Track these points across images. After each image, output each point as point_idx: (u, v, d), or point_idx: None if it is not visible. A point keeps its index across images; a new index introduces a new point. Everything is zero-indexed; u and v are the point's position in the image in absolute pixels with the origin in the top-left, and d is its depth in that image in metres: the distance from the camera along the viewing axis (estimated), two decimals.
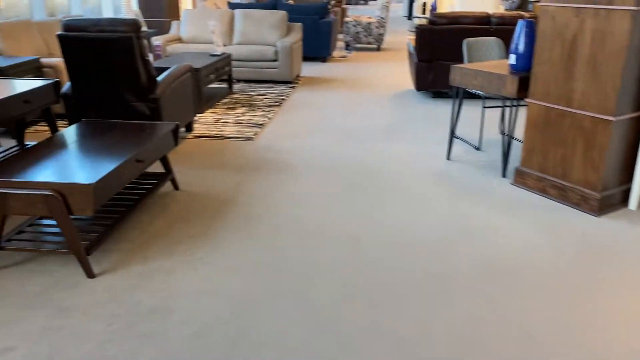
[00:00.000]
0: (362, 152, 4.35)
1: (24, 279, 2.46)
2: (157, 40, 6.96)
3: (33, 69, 4.75)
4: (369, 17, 10.48)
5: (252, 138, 4.66)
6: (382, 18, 10.13)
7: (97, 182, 2.38)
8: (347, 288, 2.42)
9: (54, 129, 3.50)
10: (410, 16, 18.18)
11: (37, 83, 3.24)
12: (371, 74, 7.95)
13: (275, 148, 4.43)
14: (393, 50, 10.56)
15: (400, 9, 22.87)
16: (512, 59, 3.64)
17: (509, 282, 2.49)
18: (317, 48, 8.77)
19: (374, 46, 11.07)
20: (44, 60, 4.88)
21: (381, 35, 10.23)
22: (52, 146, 2.88)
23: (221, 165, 4.00)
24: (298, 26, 7.40)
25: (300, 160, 4.15)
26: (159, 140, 3.13)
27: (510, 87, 3.53)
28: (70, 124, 3.99)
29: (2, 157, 3.37)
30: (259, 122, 5.16)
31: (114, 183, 2.57)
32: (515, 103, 3.84)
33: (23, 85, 3.20)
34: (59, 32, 3.71)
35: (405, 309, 2.27)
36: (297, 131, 4.93)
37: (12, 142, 4.43)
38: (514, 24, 5.93)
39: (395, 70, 8.30)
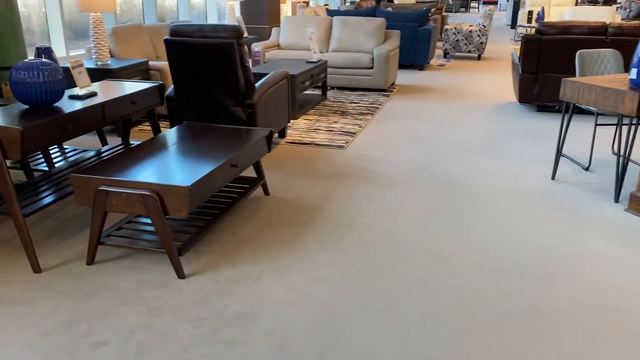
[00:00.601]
0: (458, 167, 4.16)
1: (120, 275, 2.55)
2: (257, 47, 7.13)
3: (141, 71, 5.01)
4: (470, 25, 10.14)
5: (343, 146, 4.61)
6: (484, 26, 9.76)
7: (193, 185, 2.42)
8: (434, 310, 2.28)
9: (157, 130, 3.64)
10: (513, 25, 17.43)
11: (143, 85, 3.38)
12: (470, 84, 7.66)
13: (366, 157, 4.35)
14: (494, 60, 10.13)
15: (503, 17, 22.02)
16: (633, 74, 3.31)
17: (617, 323, 2.23)
18: (414, 56, 8.60)
19: (474, 55, 10.69)
20: (151, 63, 5.13)
21: (482, 44, 9.86)
22: (153, 147, 2.98)
23: (311, 173, 3.98)
24: (396, 33, 7.29)
25: (391, 171, 4.04)
26: (253, 146, 3.15)
27: (630, 104, 3.21)
28: (171, 125, 4.14)
29: (107, 154, 3.55)
30: (351, 130, 5.11)
31: (208, 186, 2.61)
32: (634, 122, 3.49)
33: (131, 87, 3.35)
34: (166, 37, 3.87)
35: (494, 340, 2.10)
36: (389, 141, 4.82)
37: (117, 140, 4.69)
38: (634, 35, 5.44)
39: (496, 81, 7.94)
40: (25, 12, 5.45)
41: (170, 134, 3.25)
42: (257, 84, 4.22)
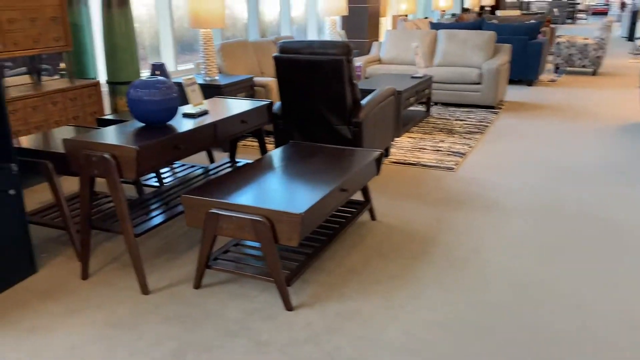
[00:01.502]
0: (585, 195, 3.74)
1: (226, 301, 2.45)
2: (357, 62, 6.99)
3: (246, 87, 5.02)
4: (585, 38, 9.41)
5: (452, 168, 4.32)
6: (601, 39, 9.01)
7: (306, 212, 2.28)
8: None
9: (264, 148, 3.57)
10: (631, 37, 16.10)
11: (253, 104, 3.32)
12: (587, 102, 7.04)
13: (479, 181, 4.04)
14: (611, 76, 9.32)
15: (617, 29, 20.47)
16: None
17: None
18: (523, 71, 8.08)
19: (589, 70, 9.91)
20: (256, 79, 5.13)
21: (599, 58, 9.10)
22: (262, 168, 2.89)
23: (420, 196, 3.73)
24: (507, 47, 6.86)
25: (509, 198, 3.69)
26: (363, 169, 2.97)
27: None
28: (277, 142, 4.08)
29: (215, 172, 3.52)
30: (460, 150, 4.80)
31: (319, 213, 2.46)
32: None
33: (240, 105, 3.30)
34: (275, 54, 3.81)
35: None
36: (503, 163, 4.46)
37: (224, 156, 4.71)
38: None
39: (617, 99, 7.25)
40: (138, 27, 5.67)
41: (278, 154, 3.15)
42: (363, 101, 4.05)
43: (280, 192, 2.54)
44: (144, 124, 2.75)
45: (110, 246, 3.02)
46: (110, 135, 2.54)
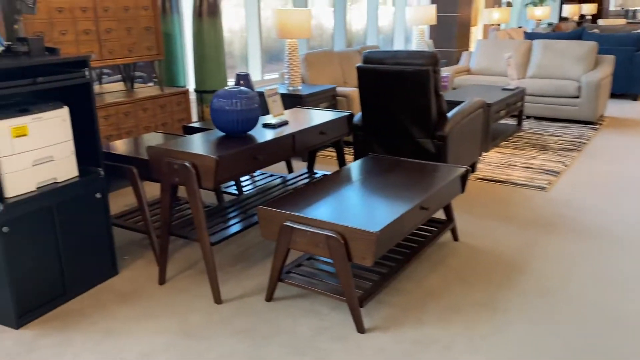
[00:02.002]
0: None
1: (296, 317, 2.39)
2: (445, 72, 6.77)
3: (329, 97, 4.98)
4: None
5: (545, 188, 4.02)
6: None
7: (381, 231, 2.17)
8: None
9: (342, 160, 3.50)
10: None
11: (333, 115, 3.25)
12: None
13: (574, 204, 3.72)
14: None
15: None
16: None
17: None
18: (627, 84, 7.47)
19: None
20: (338, 89, 5.08)
21: None
22: (339, 181, 2.80)
23: (507, 217, 3.49)
24: (609, 59, 6.37)
25: (610, 225, 3.36)
26: (446, 186, 2.81)
27: None
28: (356, 154, 3.99)
29: (293, 183, 3.49)
30: (554, 168, 4.47)
31: (396, 232, 2.34)
32: None
33: (321, 116, 3.25)
34: (358, 64, 3.73)
35: None
36: (603, 186, 4.09)
37: (303, 165, 4.68)
38: None
39: None
40: (228, 37, 5.82)
41: (356, 167, 3.06)
42: (449, 114, 3.87)
43: (356, 207, 2.45)
44: (224, 134, 2.76)
45: (189, 251, 3.06)
46: (191, 144, 2.57)
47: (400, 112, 3.72)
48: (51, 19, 3.32)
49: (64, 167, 2.50)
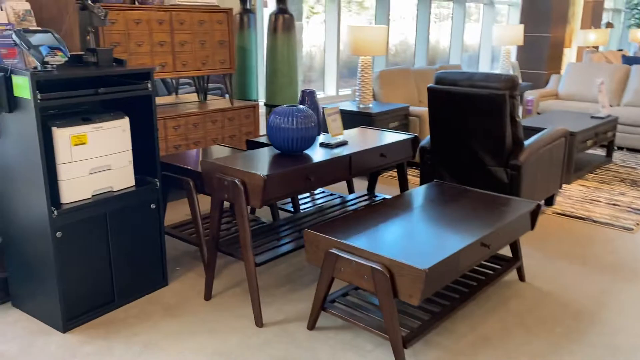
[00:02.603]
0: None
1: (337, 350, 2.26)
2: (530, 95, 6.40)
3: (400, 116, 4.83)
4: None
5: (631, 229, 3.64)
6: None
7: (431, 269, 2.00)
8: None
9: (404, 185, 3.34)
10: None
11: (396, 137, 3.11)
12: None
13: None
14: None
15: None
16: None
17: None
18: None
19: None
20: (411, 108, 4.92)
21: None
22: (397, 208, 2.66)
23: (583, 259, 3.17)
24: None
25: None
26: (513, 222, 2.58)
27: None
28: (421, 178, 3.81)
29: (351, 205, 3.37)
30: None
31: (449, 270, 2.16)
32: None
33: (383, 137, 3.11)
34: (430, 85, 3.57)
35: None
36: None
37: (364, 185, 4.54)
38: None
39: None
40: (311, 51, 5.83)
41: (418, 194, 2.89)
42: (526, 142, 3.61)
43: (408, 239, 2.29)
44: (279, 152, 2.70)
45: (239, 267, 3.02)
46: (243, 161, 2.53)
47: (472, 137, 3.51)
48: (128, 30, 3.44)
49: (120, 176, 2.54)
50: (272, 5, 4.58)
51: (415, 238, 2.31)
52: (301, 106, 2.64)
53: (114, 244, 2.53)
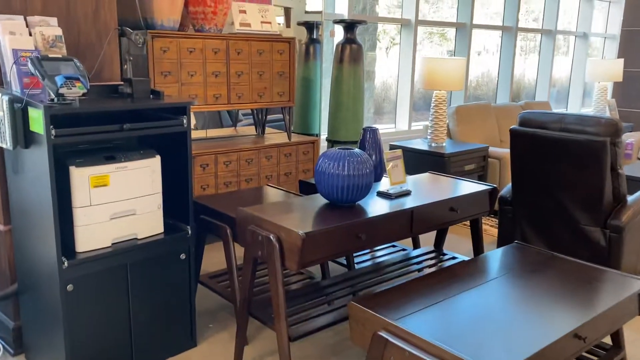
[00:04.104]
0: None
1: None
2: (629, 138, 5.64)
3: (478, 158, 4.32)
4: None
5: None
6: None
7: None
8: None
9: (478, 243, 2.84)
10: None
11: (470, 188, 2.64)
12: None
13: None
14: None
15: None
16: None
17: None
18: None
19: None
20: (491, 149, 4.40)
21: None
22: (468, 277, 2.17)
23: None
24: None
25: None
26: (616, 307, 2.03)
27: None
28: (500, 234, 3.28)
29: (416, 262, 2.90)
30: None
31: None
32: None
33: (454, 187, 2.65)
34: (512, 127, 3.07)
35: None
36: None
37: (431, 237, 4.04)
38: None
39: None
40: (388, 82, 5.48)
41: (495, 259, 2.39)
42: (630, 198, 3.01)
43: (480, 325, 1.81)
44: (328, 201, 2.31)
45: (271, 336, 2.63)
46: (282, 211, 2.16)
47: (562, 190, 2.96)
48: (181, 59, 3.22)
49: (147, 222, 2.25)
50: (339, 35, 4.26)
51: (489, 325, 1.82)
52: (356, 150, 2.25)
53: (134, 298, 2.23)
